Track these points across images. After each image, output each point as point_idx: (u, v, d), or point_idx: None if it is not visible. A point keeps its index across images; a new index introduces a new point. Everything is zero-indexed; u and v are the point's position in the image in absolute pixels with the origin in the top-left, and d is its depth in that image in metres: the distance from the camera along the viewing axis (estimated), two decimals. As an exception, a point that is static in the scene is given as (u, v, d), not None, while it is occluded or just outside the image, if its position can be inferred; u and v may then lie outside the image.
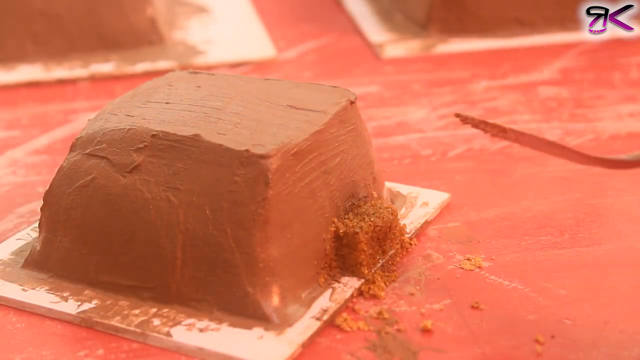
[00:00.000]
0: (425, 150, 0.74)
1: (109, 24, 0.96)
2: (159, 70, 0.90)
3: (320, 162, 0.55)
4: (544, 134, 0.76)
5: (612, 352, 0.49)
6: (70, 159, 0.57)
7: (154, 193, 0.53)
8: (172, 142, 0.54)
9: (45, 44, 0.95)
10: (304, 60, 0.96)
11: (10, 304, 0.54)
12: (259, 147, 0.52)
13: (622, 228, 0.61)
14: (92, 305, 0.53)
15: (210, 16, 1.09)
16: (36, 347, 0.51)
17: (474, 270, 0.57)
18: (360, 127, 0.59)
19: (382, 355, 0.49)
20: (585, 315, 0.52)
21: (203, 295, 0.52)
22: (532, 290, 0.54)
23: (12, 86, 0.90)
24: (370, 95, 0.86)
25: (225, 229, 0.51)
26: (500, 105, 0.82)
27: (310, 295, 0.53)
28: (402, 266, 0.57)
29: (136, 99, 0.59)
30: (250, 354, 0.49)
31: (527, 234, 0.60)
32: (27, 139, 0.79)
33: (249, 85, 0.60)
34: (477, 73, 0.90)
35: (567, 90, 0.85)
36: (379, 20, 1.05)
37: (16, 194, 0.68)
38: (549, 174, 0.69)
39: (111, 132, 0.56)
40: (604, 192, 0.66)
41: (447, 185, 0.67)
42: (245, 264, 0.51)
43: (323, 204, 0.55)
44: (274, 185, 0.51)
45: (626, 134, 0.76)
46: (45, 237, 0.57)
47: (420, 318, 0.52)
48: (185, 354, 0.50)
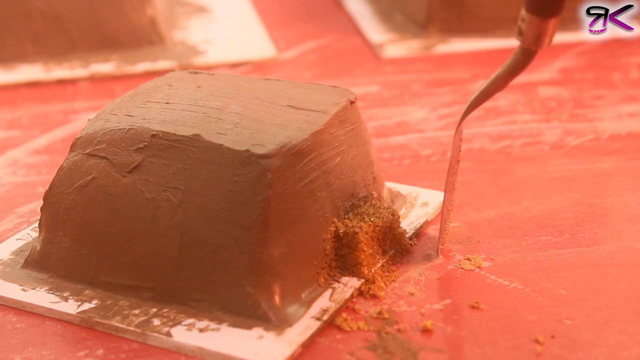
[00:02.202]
0: (425, 150, 0.74)
1: (109, 24, 0.96)
2: (159, 70, 0.90)
3: (320, 162, 0.55)
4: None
5: (612, 352, 0.49)
6: (70, 159, 0.57)
7: (154, 193, 0.53)
8: (172, 142, 0.54)
9: (45, 44, 0.95)
10: (304, 60, 0.96)
11: (10, 304, 0.54)
12: (259, 147, 0.52)
13: (622, 228, 0.61)
14: (92, 305, 0.53)
15: (210, 16, 1.09)
16: (36, 347, 0.51)
17: (474, 270, 0.57)
18: (360, 127, 0.59)
19: (382, 355, 0.49)
20: (585, 315, 0.52)
21: (203, 295, 0.52)
22: (532, 290, 0.54)
23: (12, 86, 0.90)
24: (370, 95, 0.86)
25: (225, 229, 0.51)
26: (500, 105, 0.82)
27: (310, 295, 0.53)
28: (402, 266, 0.57)
29: (136, 99, 0.59)
30: (250, 354, 0.49)
31: (527, 234, 0.60)
32: (27, 139, 0.79)
33: (249, 85, 0.60)
34: (477, 73, 0.90)
35: (567, 90, 0.85)
36: (379, 20, 1.05)
37: (16, 194, 0.68)
38: (549, 174, 0.69)
39: (111, 132, 0.56)
40: (604, 192, 0.66)
41: (447, 185, 0.67)
42: (245, 264, 0.51)
43: (323, 204, 0.55)
44: (274, 185, 0.51)
45: (626, 134, 0.76)
46: (45, 237, 0.57)
47: (420, 318, 0.52)
48: (185, 354, 0.50)
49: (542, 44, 0.51)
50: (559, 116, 0.79)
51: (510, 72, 0.53)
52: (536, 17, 0.50)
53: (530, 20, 0.50)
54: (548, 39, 0.51)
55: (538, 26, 0.50)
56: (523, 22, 0.51)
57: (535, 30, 0.50)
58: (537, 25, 0.50)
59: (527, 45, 0.51)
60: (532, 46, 0.51)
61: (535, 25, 0.50)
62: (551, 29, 0.50)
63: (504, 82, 0.53)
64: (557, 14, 0.50)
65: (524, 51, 0.52)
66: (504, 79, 0.53)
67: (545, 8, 0.50)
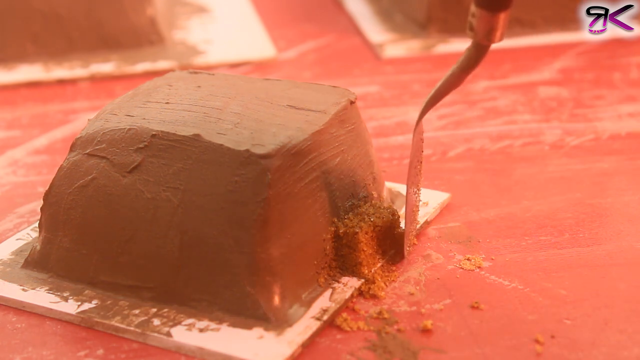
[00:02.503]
0: (425, 150, 0.74)
1: (109, 24, 0.96)
2: (159, 70, 0.90)
3: (320, 162, 0.55)
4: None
5: (612, 352, 0.49)
6: (70, 159, 0.57)
7: (154, 193, 0.53)
8: (172, 142, 0.54)
9: (45, 44, 0.95)
10: (304, 60, 0.96)
11: (10, 304, 0.54)
12: (259, 147, 0.52)
13: (622, 228, 0.61)
14: (92, 305, 0.53)
15: (210, 16, 1.09)
16: (36, 347, 0.51)
17: (474, 270, 0.57)
18: (360, 127, 0.59)
19: (382, 355, 0.49)
20: (585, 315, 0.52)
21: (203, 295, 0.52)
22: (532, 290, 0.54)
23: (12, 86, 0.90)
24: (370, 95, 0.86)
25: (225, 229, 0.51)
26: (500, 105, 0.82)
27: (310, 295, 0.53)
28: (402, 266, 0.57)
29: (136, 99, 0.59)
30: (250, 354, 0.49)
31: (527, 234, 0.60)
32: (27, 139, 0.79)
33: (249, 85, 0.60)
34: (477, 73, 0.89)
35: (567, 90, 0.85)
36: (379, 20, 1.05)
37: (16, 194, 0.68)
38: (549, 174, 0.69)
39: (111, 132, 0.56)
40: (604, 192, 0.66)
41: (447, 185, 0.67)
42: (245, 264, 0.51)
43: (323, 204, 0.55)
44: (274, 185, 0.51)
45: (626, 134, 0.76)
46: (45, 237, 0.57)
47: (420, 318, 0.52)
48: (185, 354, 0.50)
49: (494, 38, 0.51)
50: (559, 116, 0.79)
51: (464, 68, 0.52)
52: (486, 11, 0.50)
53: (481, 15, 0.50)
54: (499, 33, 0.51)
55: (488, 21, 0.50)
56: (473, 18, 0.50)
57: (486, 25, 0.50)
58: (488, 20, 0.50)
59: (479, 40, 0.51)
60: (483, 41, 0.51)
61: (486, 20, 0.50)
62: (502, 23, 0.50)
63: (459, 78, 0.53)
64: (506, 8, 0.50)
65: (476, 46, 0.51)
66: (459, 76, 0.53)
67: (495, 2, 0.49)
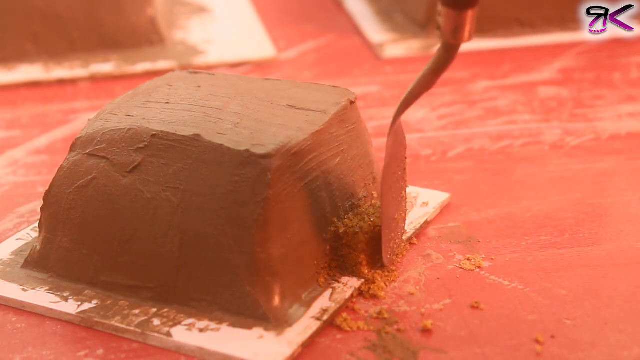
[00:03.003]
0: (425, 150, 0.74)
1: (109, 24, 0.96)
2: (159, 70, 0.90)
3: (320, 162, 0.55)
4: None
5: (612, 352, 0.49)
6: (70, 159, 0.57)
7: (154, 193, 0.53)
8: (172, 142, 0.54)
9: (45, 44, 0.95)
10: (304, 60, 0.96)
11: (10, 304, 0.54)
12: (259, 147, 0.52)
13: (622, 228, 0.61)
14: (92, 305, 0.53)
15: (210, 16, 1.09)
16: (36, 347, 0.51)
17: (474, 270, 0.57)
18: (360, 127, 0.59)
19: (382, 355, 0.49)
20: (585, 315, 0.52)
21: (203, 295, 0.52)
22: (532, 290, 0.54)
23: (12, 86, 0.90)
24: (370, 95, 0.86)
25: (225, 229, 0.51)
26: (500, 105, 0.82)
27: (310, 295, 0.53)
28: (402, 266, 0.57)
29: (136, 99, 0.59)
30: (250, 354, 0.49)
31: (527, 234, 0.60)
32: (27, 139, 0.79)
33: (249, 85, 0.60)
34: (477, 73, 0.90)
35: (567, 90, 0.85)
36: (379, 20, 1.05)
37: (16, 194, 0.68)
38: (549, 174, 0.69)
39: (111, 132, 0.56)
40: (604, 192, 0.66)
41: (447, 185, 0.67)
42: (245, 264, 0.51)
43: (323, 204, 0.55)
44: (274, 185, 0.51)
45: (626, 134, 0.76)
46: (45, 237, 0.57)
47: (420, 318, 0.52)
48: (185, 354, 0.50)
49: (461, 37, 0.49)
50: (559, 116, 0.79)
51: (435, 69, 0.51)
52: (452, 10, 0.48)
53: (446, 13, 0.48)
54: (467, 32, 0.49)
55: (455, 19, 0.48)
56: (440, 17, 0.49)
57: (452, 24, 0.48)
58: (454, 19, 0.48)
59: (446, 39, 0.49)
60: (451, 40, 0.49)
61: (452, 19, 0.48)
62: (469, 21, 0.48)
63: (430, 80, 0.51)
64: (472, 5, 0.48)
65: (445, 46, 0.50)
66: (430, 78, 0.51)
67: (459, 0, 0.48)
